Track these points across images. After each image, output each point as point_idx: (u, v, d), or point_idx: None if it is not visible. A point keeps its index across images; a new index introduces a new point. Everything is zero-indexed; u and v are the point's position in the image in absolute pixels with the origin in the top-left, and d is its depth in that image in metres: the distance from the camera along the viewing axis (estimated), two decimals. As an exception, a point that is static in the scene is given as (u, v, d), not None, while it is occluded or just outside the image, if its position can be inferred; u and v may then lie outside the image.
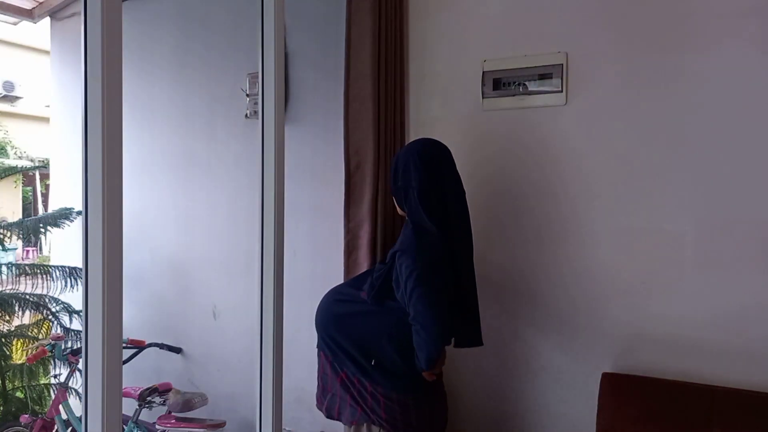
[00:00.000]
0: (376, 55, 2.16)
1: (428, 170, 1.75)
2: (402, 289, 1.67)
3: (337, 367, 1.80)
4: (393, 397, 1.72)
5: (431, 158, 1.78)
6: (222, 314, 2.90)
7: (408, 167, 1.77)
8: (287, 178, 1.99)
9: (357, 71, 2.18)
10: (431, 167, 1.76)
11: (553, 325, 2.08)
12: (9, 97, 11.46)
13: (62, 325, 3.43)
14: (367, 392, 1.74)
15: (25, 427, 2.91)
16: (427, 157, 1.77)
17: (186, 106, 3.01)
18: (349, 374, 1.77)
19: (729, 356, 1.81)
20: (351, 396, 1.77)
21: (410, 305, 1.64)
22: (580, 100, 2.04)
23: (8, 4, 3.64)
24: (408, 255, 1.66)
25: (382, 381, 1.72)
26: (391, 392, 1.72)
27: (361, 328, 1.78)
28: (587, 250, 2.02)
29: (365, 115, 2.16)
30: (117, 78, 1.26)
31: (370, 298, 1.76)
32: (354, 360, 1.76)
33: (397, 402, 1.72)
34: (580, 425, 2.01)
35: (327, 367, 1.84)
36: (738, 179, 1.81)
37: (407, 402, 1.73)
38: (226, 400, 2.83)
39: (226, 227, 2.87)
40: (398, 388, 1.72)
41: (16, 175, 9.76)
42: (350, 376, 1.77)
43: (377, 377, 1.73)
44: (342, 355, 1.79)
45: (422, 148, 1.81)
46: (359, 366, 1.75)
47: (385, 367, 1.72)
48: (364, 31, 2.17)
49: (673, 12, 1.90)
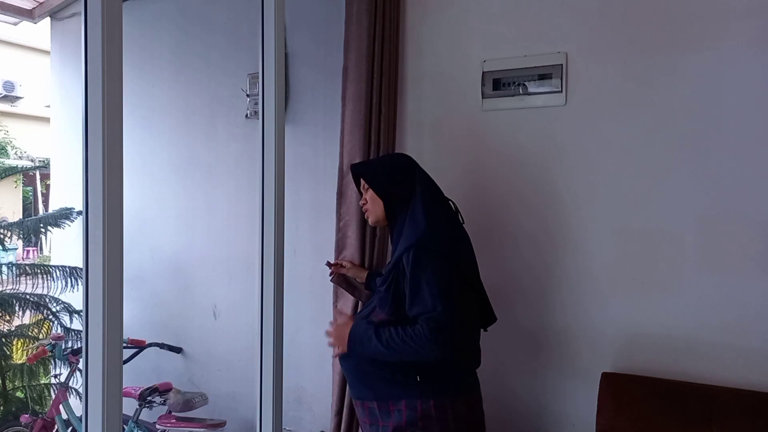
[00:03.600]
0: (371, 55, 2.17)
1: (427, 175, 1.78)
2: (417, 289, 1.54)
3: (387, 408, 1.62)
4: (447, 404, 1.59)
5: (421, 167, 1.81)
6: (222, 314, 2.90)
7: (411, 170, 1.77)
8: (287, 178, 1.99)
9: (354, 72, 2.19)
10: (426, 174, 1.79)
11: (553, 325, 2.08)
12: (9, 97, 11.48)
13: (62, 325, 3.43)
14: (419, 417, 1.58)
15: (26, 427, 2.91)
16: (420, 167, 1.80)
17: (186, 106, 3.01)
18: (398, 406, 1.60)
19: (729, 356, 1.81)
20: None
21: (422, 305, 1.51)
22: (580, 100, 2.04)
23: (8, 4, 3.63)
24: (427, 252, 1.56)
25: (432, 392, 1.59)
26: (444, 399, 1.59)
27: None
28: (587, 249, 2.02)
29: (358, 116, 2.17)
30: (117, 78, 1.26)
31: (387, 313, 1.61)
32: (398, 384, 1.60)
33: (451, 410, 1.59)
34: (580, 425, 2.01)
35: (375, 414, 1.65)
36: (737, 179, 1.81)
37: (459, 405, 1.61)
38: (227, 400, 2.83)
39: (227, 227, 2.88)
40: (449, 390, 1.60)
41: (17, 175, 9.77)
42: (401, 407, 1.60)
43: (426, 390, 1.59)
44: (387, 385, 1.62)
45: (412, 159, 1.84)
46: (405, 387, 1.60)
47: (430, 377, 1.59)
48: (362, 31, 2.17)
49: (673, 12, 1.90)
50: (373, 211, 1.79)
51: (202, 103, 2.95)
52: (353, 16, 2.21)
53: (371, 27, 2.17)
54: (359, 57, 2.18)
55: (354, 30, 2.20)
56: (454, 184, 2.25)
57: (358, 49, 2.18)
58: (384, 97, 2.22)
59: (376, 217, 1.79)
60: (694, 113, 1.87)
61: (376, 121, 2.20)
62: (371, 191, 1.79)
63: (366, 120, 2.17)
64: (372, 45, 2.17)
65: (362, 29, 2.17)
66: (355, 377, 1.70)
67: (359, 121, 2.17)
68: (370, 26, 2.17)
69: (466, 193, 2.23)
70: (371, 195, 1.79)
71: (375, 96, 2.19)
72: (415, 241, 1.59)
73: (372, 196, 1.79)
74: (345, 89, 2.22)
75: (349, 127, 2.19)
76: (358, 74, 2.17)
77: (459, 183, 2.25)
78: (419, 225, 1.63)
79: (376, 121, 2.20)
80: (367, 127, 2.17)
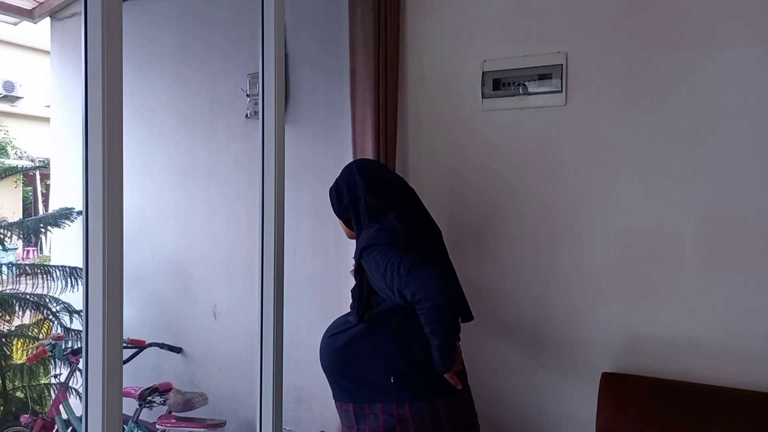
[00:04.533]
0: (376, 56, 2.17)
1: (370, 179, 1.76)
2: (384, 282, 1.53)
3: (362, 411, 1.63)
4: (423, 409, 1.58)
5: (368, 168, 1.81)
6: (222, 314, 2.90)
7: (352, 182, 1.77)
8: (287, 178, 1.99)
9: (362, 74, 2.19)
10: (371, 176, 1.78)
11: (553, 325, 2.08)
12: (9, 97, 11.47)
13: (62, 325, 3.43)
14: (396, 421, 1.58)
15: (26, 427, 2.91)
16: (365, 169, 1.80)
17: (186, 106, 3.01)
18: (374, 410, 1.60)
19: (729, 356, 1.81)
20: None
21: (404, 289, 1.47)
22: (580, 101, 2.04)
23: (8, 4, 3.63)
24: (375, 245, 1.59)
25: (407, 396, 1.58)
26: (420, 404, 1.57)
27: (365, 351, 1.65)
28: (587, 249, 2.02)
29: (369, 118, 2.18)
30: (117, 78, 1.26)
31: (356, 317, 1.65)
32: (372, 387, 1.61)
33: (428, 415, 1.57)
34: (580, 425, 2.01)
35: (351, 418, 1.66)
36: (737, 179, 1.81)
37: (438, 410, 1.58)
38: (227, 400, 2.83)
39: (227, 227, 2.88)
40: (426, 395, 1.58)
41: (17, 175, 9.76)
42: (377, 411, 1.60)
43: (401, 394, 1.58)
44: (361, 387, 1.63)
45: (357, 164, 1.85)
46: (379, 391, 1.60)
47: (405, 380, 1.59)
48: (367, 32, 2.17)
49: (673, 12, 1.90)
50: (346, 231, 1.88)
51: (202, 103, 2.95)
52: (357, 17, 2.20)
53: (375, 28, 2.17)
54: (366, 58, 2.18)
55: (359, 31, 2.19)
56: (454, 184, 2.26)
57: (365, 51, 2.18)
58: (387, 98, 2.22)
59: (349, 235, 1.87)
60: (694, 113, 1.87)
61: (383, 122, 2.21)
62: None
63: (375, 122, 2.18)
64: (377, 46, 2.18)
65: (367, 30, 2.17)
66: (332, 378, 1.71)
67: (373, 124, 2.17)
68: (375, 27, 2.17)
69: (466, 193, 2.23)
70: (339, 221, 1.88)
71: (381, 97, 2.19)
72: (360, 248, 1.66)
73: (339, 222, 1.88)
74: (354, 91, 2.22)
75: (361, 129, 2.20)
76: (366, 76, 2.17)
77: (459, 183, 2.25)
78: (367, 233, 1.68)
79: (383, 123, 2.21)
80: (376, 128, 2.18)
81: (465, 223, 2.23)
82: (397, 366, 1.59)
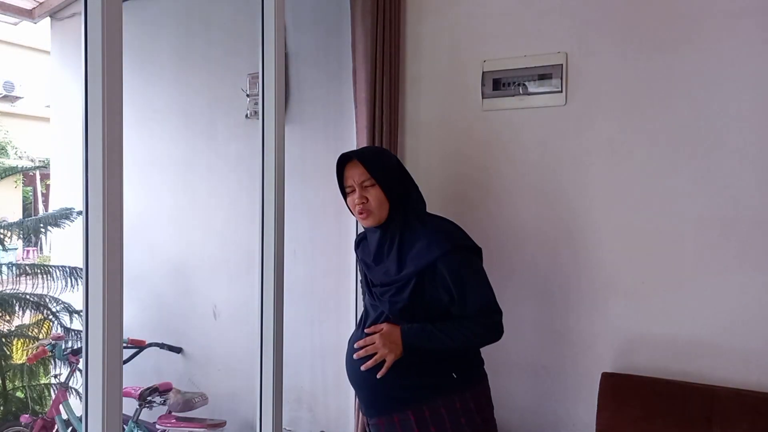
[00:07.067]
0: (374, 56, 2.17)
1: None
2: (489, 288, 1.60)
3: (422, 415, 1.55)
4: (479, 390, 1.64)
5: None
6: (222, 314, 2.90)
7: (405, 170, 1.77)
8: (287, 178, 1.99)
9: (362, 74, 2.19)
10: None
11: (553, 325, 2.08)
12: (9, 97, 11.46)
13: (62, 325, 3.43)
14: (458, 414, 1.55)
15: (26, 427, 2.91)
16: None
17: (186, 106, 3.01)
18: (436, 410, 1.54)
19: (729, 356, 1.81)
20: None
21: (479, 300, 1.56)
22: (580, 101, 2.04)
23: (8, 4, 3.64)
24: (471, 247, 1.63)
25: (468, 385, 1.60)
26: (477, 386, 1.63)
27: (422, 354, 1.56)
28: (587, 249, 2.02)
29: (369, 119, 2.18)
30: (117, 78, 1.26)
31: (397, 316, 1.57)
32: (428, 386, 1.56)
33: (483, 394, 1.65)
34: (580, 425, 2.01)
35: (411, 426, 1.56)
36: (737, 179, 1.81)
37: (486, 387, 1.68)
38: (227, 400, 2.83)
39: (227, 227, 2.87)
40: (478, 378, 1.66)
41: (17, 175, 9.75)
42: (439, 410, 1.54)
43: (462, 385, 1.58)
44: (411, 392, 1.56)
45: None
46: (441, 389, 1.56)
47: (463, 369, 1.60)
48: (366, 33, 2.17)
49: (673, 12, 1.90)
50: (377, 213, 1.60)
51: (202, 103, 2.95)
52: (358, 18, 2.20)
53: (374, 28, 2.17)
54: (366, 58, 2.18)
55: (360, 32, 2.20)
56: (454, 184, 2.26)
57: (365, 51, 2.18)
58: (387, 97, 2.22)
59: (378, 220, 1.61)
60: (694, 113, 1.87)
61: (378, 122, 2.20)
62: (377, 189, 1.60)
63: (376, 121, 2.19)
64: (375, 46, 2.18)
65: (366, 31, 2.17)
66: (379, 389, 1.58)
67: (374, 124, 2.18)
68: (374, 27, 2.17)
69: (466, 193, 2.23)
70: (376, 194, 1.60)
71: (381, 97, 2.20)
72: (451, 247, 1.55)
73: (378, 195, 1.60)
74: (355, 91, 2.23)
75: (362, 129, 2.21)
76: (366, 75, 2.18)
77: (459, 183, 2.25)
78: (443, 228, 1.65)
79: (378, 123, 2.21)
80: (378, 128, 2.19)
81: (465, 223, 2.22)
82: (454, 359, 1.60)
